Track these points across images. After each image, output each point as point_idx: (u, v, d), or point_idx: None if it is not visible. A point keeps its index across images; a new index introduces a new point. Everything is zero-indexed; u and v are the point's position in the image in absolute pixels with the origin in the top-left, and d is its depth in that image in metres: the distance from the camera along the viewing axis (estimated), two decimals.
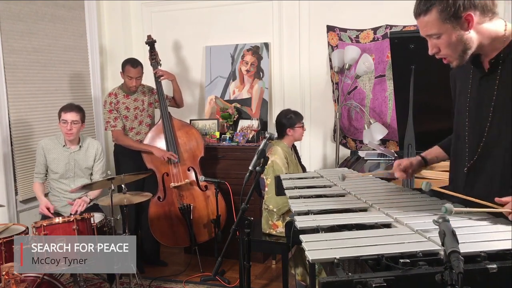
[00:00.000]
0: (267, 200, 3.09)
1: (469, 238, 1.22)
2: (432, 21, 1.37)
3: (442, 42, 1.40)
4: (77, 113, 3.16)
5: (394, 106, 3.63)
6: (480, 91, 1.49)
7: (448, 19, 1.35)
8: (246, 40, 4.18)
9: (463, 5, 1.33)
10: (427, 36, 1.43)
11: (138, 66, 3.58)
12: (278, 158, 3.07)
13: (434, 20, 1.36)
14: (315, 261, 1.15)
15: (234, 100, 4.20)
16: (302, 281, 3.12)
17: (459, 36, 1.37)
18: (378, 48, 3.68)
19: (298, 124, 3.20)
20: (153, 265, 3.79)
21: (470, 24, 1.35)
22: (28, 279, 2.42)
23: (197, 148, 3.72)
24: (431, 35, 1.41)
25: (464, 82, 1.57)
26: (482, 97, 1.49)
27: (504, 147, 1.43)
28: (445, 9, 1.34)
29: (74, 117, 3.14)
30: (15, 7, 3.55)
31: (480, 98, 1.49)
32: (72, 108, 3.17)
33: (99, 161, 3.36)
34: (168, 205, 3.68)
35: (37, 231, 2.59)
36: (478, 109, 1.50)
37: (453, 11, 1.33)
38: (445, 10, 1.34)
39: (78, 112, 3.17)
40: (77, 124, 3.16)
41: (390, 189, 1.91)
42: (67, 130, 3.15)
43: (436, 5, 1.35)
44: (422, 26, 1.41)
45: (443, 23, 1.36)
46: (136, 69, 3.57)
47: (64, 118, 3.14)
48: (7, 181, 3.48)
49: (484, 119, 1.47)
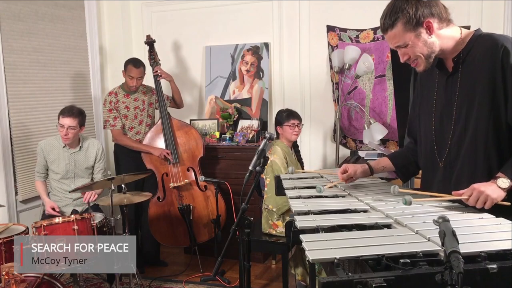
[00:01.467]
0: (266, 200, 3.09)
1: (469, 238, 1.22)
2: (399, 33, 1.54)
3: (410, 49, 1.56)
4: (74, 119, 3.11)
5: (394, 106, 3.63)
6: (447, 90, 1.64)
7: (412, 28, 1.52)
8: (246, 40, 4.18)
9: (423, 14, 1.50)
10: (396, 48, 1.59)
11: (140, 67, 3.59)
12: (277, 158, 3.07)
13: (400, 32, 1.53)
14: (315, 261, 1.15)
15: (234, 100, 4.20)
16: (302, 281, 3.12)
17: (423, 41, 1.54)
18: (378, 48, 3.68)
19: (286, 123, 3.18)
20: (153, 265, 3.79)
21: (431, 30, 1.53)
22: (28, 279, 2.42)
23: (196, 148, 3.72)
24: (400, 46, 1.57)
25: (430, 86, 1.72)
26: (447, 96, 1.63)
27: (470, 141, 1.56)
28: (408, 20, 1.51)
29: (71, 122, 3.10)
30: (15, 7, 3.55)
31: (446, 97, 1.64)
32: (70, 113, 3.11)
33: (100, 161, 3.37)
34: (167, 205, 3.68)
35: (37, 231, 2.59)
36: (444, 108, 1.65)
37: (415, 21, 1.50)
38: (408, 21, 1.51)
39: (76, 117, 3.12)
40: (74, 129, 3.13)
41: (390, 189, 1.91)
42: (63, 135, 3.14)
43: (400, 19, 1.52)
44: (391, 39, 1.58)
45: (409, 33, 1.53)
46: (138, 69, 3.57)
47: (61, 122, 3.11)
48: (7, 181, 3.48)
49: (450, 115, 1.62)
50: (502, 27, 3.38)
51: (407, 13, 1.50)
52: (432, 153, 1.70)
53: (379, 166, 1.96)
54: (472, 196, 1.45)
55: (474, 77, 1.54)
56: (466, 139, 1.57)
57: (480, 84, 1.52)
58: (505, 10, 3.39)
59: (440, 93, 1.67)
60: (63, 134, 3.13)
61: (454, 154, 1.62)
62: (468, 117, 1.56)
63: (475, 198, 1.44)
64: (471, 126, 1.55)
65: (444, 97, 1.64)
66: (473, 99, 1.54)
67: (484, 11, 3.41)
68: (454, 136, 1.61)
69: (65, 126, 3.11)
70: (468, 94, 1.56)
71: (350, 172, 1.92)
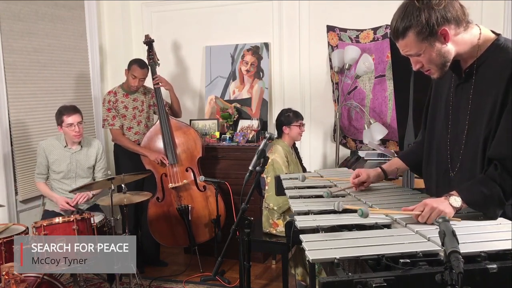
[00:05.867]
0: (267, 199, 3.09)
1: (469, 238, 1.22)
2: (410, 43, 1.41)
3: (423, 58, 1.45)
4: (79, 114, 3.19)
5: (394, 106, 3.63)
6: (457, 97, 1.54)
7: (425, 38, 1.38)
8: (246, 40, 4.18)
9: (437, 22, 1.36)
10: (408, 56, 1.48)
11: (145, 68, 3.61)
12: (278, 157, 3.07)
13: (412, 42, 1.41)
14: (315, 261, 1.15)
15: (234, 100, 4.20)
16: (302, 281, 3.12)
17: (438, 50, 1.41)
18: (378, 48, 3.68)
19: (294, 123, 3.20)
20: (153, 265, 3.79)
21: (446, 38, 1.39)
22: (28, 279, 2.42)
23: (195, 149, 3.71)
24: (412, 55, 1.45)
25: (445, 88, 1.61)
26: (459, 104, 1.53)
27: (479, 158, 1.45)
28: (421, 30, 1.37)
29: (78, 118, 3.17)
30: (15, 7, 3.55)
31: (457, 105, 1.54)
32: (74, 110, 3.17)
33: (100, 160, 3.38)
34: (166, 206, 3.68)
35: (37, 231, 2.59)
36: (456, 115, 1.55)
37: (429, 30, 1.37)
38: (421, 31, 1.37)
39: (79, 112, 3.20)
40: (81, 124, 3.19)
41: (390, 189, 1.91)
42: (75, 133, 3.15)
43: (412, 28, 1.38)
44: (402, 48, 1.46)
45: (421, 43, 1.40)
46: (142, 70, 3.58)
47: (69, 121, 3.13)
48: (7, 181, 3.48)
49: (462, 125, 1.51)
50: (502, 27, 3.38)
51: (420, 22, 1.36)
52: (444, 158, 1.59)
53: (392, 168, 1.86)
54: (424, 211, 1.37)
55: (486, 91, 1.43)
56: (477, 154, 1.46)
57: (490, 101, 1.41)
58: (505, 10, 3.39)
59: (453, 98, 1.56)
60: (76, 132, 3.14)
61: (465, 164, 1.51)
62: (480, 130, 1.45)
63: (428, 213, 1.36)
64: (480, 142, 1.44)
65: (456, 104, 1.54)
66: (483, 115, 1.44)
67: (484, 11, 3.41)
68: (466, 147, 1.50)
69: (74, 123, 3.14)
70: (480, 105, 1.45)
71: (363, 177, 1.82)
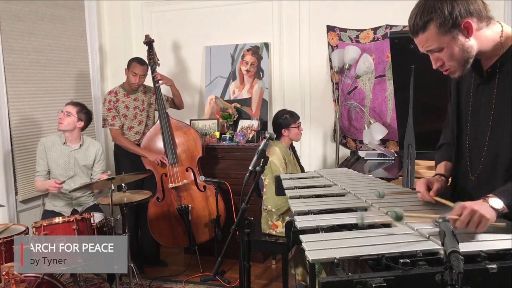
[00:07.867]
0: (265, 201, 3.09)
1: (469, 238, 1.22)
2: (432, 37, 1.34)
3: (444, 54, 1.37)
4: (73, 107, 3.24)
5: (394, 106, 3.63)
6: (477, 98, 1.48)
7: (448, 30, 1.32)
8: (246, 40, 4.18)
9: (460, 14, 1.30)
10: (428, 52, 1.40)
11: (144, 65, 3.63)
12: (275, 159, 3.07)
13: (433, 35, 1.34)
14: (315, 261, 1.15)
15: (234, 100, 4.20)
16: (302, 281, 3.12)
17: (461, 45, 1.34)
18: (378, 48, 3.68)
19: (293, 125, 3.19)
20: (153, 265, 3.79)
21: (470, 31, 1.33)
22: (28, 279, 2.42)
23: (195, 149, 3.71)
24: (433, 50, 1.38)
25: (465, 86, 1.55)
26: (479, 105, 1.47)
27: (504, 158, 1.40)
28: (443, 22, 1.31)
29: (69, 109, 3.22)
30: (15, 7, 3.55)
31: (477, 106, 1.48)
32: (72, 103, 3.28)
33: (99, 162, 3.36)
34: (166, 206, 3.67)
35: (37, 231, 2.59)
36: (476, 117, 1.49)
37: (452, 21, 1.31)
38: (443, 23, 1.31)
39: (75, 106, 3.25)
40: (69, 116, 3.20)
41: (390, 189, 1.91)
42: (59, 120, 3.22)
43: (433, 20, 1.32)
44: (422, 43, 1.38)
45: (444, 36, 1.33)
46: (142, 67, 3.60)
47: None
48: (7, 181, 3.48)
49: (484, 127, 1.45)
50: None
51: (442, 13, 1.30)
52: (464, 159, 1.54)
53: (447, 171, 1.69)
54: (463, 216, 1.24)
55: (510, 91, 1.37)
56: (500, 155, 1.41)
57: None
58: (505, 10, 3.39)
59: (473, 98, 1.50)
60: (59, 119, 3.21)
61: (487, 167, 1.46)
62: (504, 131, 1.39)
63: (467, 217, 1.24)
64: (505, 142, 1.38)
65: (476, 105, 1.48)
66: (509, 116, 1.37)
67: None
68: (489, 148, 1.44)
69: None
70: (504, 107, 1.39)
71: (438, 186, 1.58)
